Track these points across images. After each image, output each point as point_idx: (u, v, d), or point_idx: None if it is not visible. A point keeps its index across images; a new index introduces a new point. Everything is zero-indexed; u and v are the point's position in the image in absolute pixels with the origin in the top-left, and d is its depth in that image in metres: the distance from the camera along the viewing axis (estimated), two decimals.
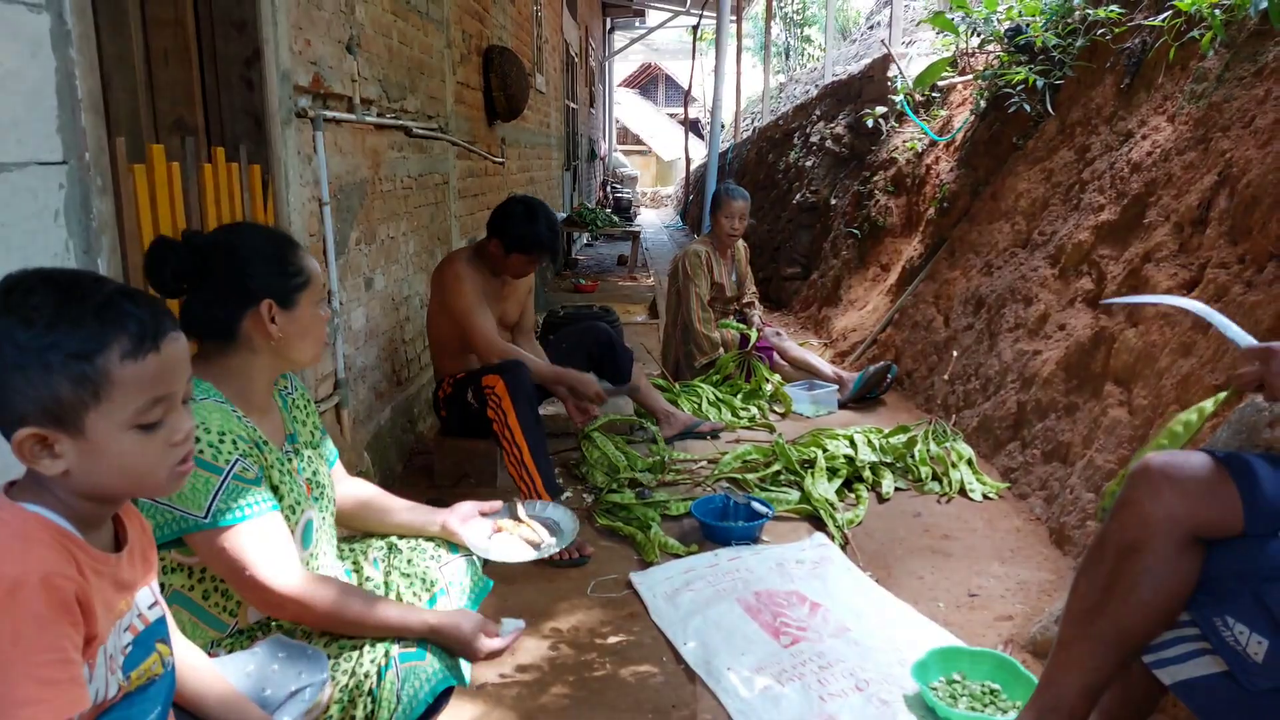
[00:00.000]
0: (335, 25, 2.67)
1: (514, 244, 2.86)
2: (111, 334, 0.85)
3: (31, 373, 0.83)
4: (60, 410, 0.84)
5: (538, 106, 7.36)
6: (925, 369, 4.12)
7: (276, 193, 2.22)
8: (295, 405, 1.51)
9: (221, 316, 1.32)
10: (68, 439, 0.85)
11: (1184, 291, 2.54)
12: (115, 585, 0.91)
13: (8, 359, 0.83)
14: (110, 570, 0.90)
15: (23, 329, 0.83)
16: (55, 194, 1.38)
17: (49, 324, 0.83)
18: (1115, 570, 1.36)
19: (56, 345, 0.83)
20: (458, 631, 1.36)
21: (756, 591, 2.29)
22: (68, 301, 0.85)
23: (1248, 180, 2.41)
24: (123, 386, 0.86)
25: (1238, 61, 2.73)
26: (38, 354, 0.83)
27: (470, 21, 4.69)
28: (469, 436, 2.99)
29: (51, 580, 0.80)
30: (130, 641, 0.92)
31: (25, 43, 1.32)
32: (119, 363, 0.85)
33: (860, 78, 6.71)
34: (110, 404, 0.85)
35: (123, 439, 0.87)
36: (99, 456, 0.86)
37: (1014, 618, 2.21)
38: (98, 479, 0.87)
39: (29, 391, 0.83)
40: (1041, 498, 2.82)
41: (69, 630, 0.80)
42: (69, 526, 0.86)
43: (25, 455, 0.84)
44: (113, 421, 0.86)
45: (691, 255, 4.26)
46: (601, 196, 14.71)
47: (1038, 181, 3.77)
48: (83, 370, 0.84)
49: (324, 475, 1.50)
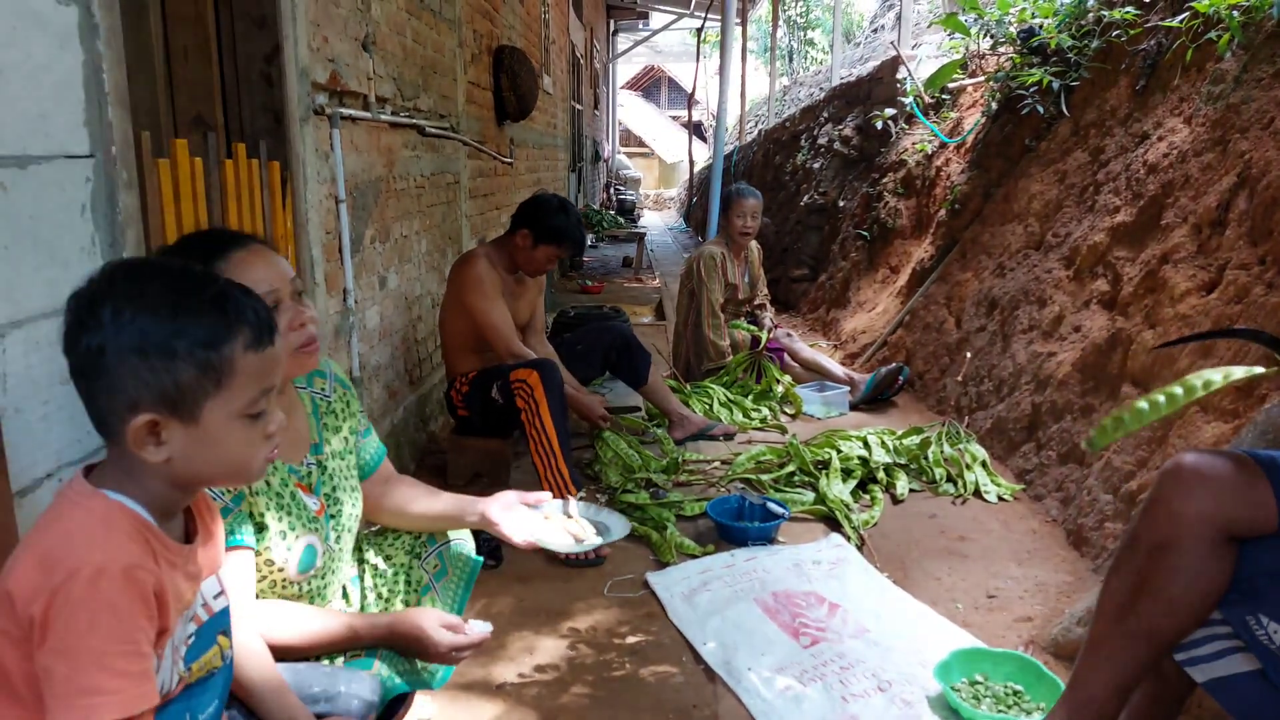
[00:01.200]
0: (352, 23, 2.67)
1: (545, 235, 2.87)
2: (236, 325, 0.87)
3: (154, 359, 0.83)
4: (180, 396, 0.85)
5: (545, 107, 7.36)
6: (937, 370, 4.11)
7: (295, 190, 2.21)
8: (330, 410, 1.47)
9: None
10: (179, 426, 0.86)
11: (1204, 294, 2.53)
12: (186, 576, 0.90)
13: (127, 344, 0.83)
14: (183, 561, 0.90)
15: (148, 316, 0.84)
16: (82, 187, 1.37)
17: (172, 312, 0.85)
18: (1146, 569, 1.36)
19: (183, 333, 0.84)
20: (415, 630, 1.32)
21: (774, 592, 2.28)
22: (184, 291, 0.86)
23: (1268, 181, 2.40)
24: (244, 375, 0.88)
25: (1255, 63, 2.72)
26: (164, 340, 0.84)
27: (481, 21, 4.69)
28: (488, 433, 2.98)
29: (133, 572, 0.80)
30: (194, 632, 0.92)
31: (54, 35, 1.31)
32: (243, 352, 0.87)
33: (869, 80, 6.71)
34: (230, 392, 0.87)
35: (232, 427, 0.88)
36: (207, 444, 0.87)
37: (1034, 619, 2.20)
38: (199, 466, 0.88)
39: (148, 377, 0.84)
40: (1058, 499, 2.80)
41: (145, 624, 0.80)
42: (149, 516, 0.86)
43: (137, 442, 0.85)
44: (228, 409, 0.87)
45: (706, 257, 4.21)
46: (605, 198, 14.71)
47: (1051, 183, 3.76)
48: (209, 358, 0.85)
49: (346, 488, 1.46)
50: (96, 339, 0.83)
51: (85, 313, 0.84)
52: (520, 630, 2.15)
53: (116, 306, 0.84)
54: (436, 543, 1.57)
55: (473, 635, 1.35)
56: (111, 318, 0.83)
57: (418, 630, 1.31)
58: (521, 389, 2.68)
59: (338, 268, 2.58)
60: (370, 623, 1.32)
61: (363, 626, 1.31)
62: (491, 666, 2.00)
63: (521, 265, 2.97)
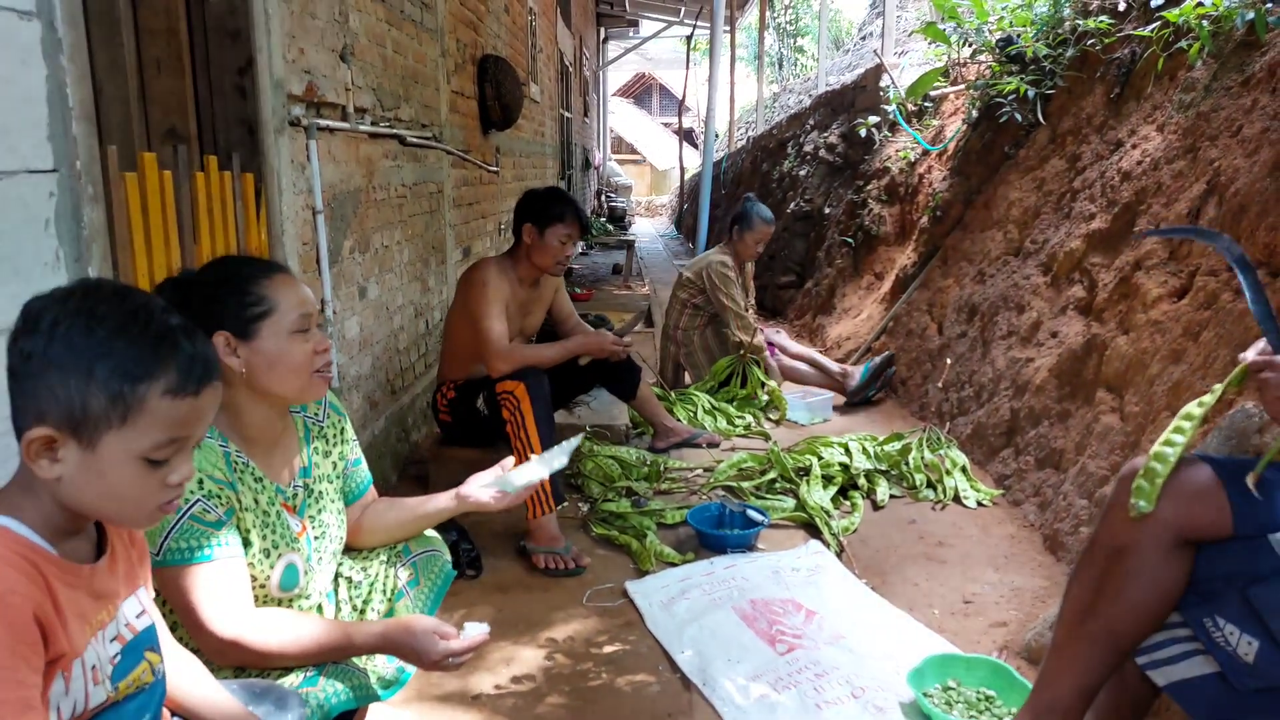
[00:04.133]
0: (329, 34, 2.67)
1: (548, 218, 2.86)
2: (161, 365, 0.86)
3: (71, 376, 0.83)
4: (83, 419, 0.84)
5: (532, 115, 7.38)
6: (919, 376, 4.13)
7: (269, 201, 2.22)
8: (321, 434, 1.51)
9: None
10: (76, 449, 0.85)
11: (1175, 299, 2.56)
12: (91, 595, 0.89)
13: (54, 357, 0.83)
14: (84, 581, 0.89)
15: (81, 333, 0.84)
16: (46, 202, 1.38)
17: (106, 335, 0.84)
18: (1105, 572, 1.38)
19: (107, 357, 0.84)
20: (408, 637, 1.32)
21: (752, 599, 2.28)
22: (132, 320, 0.86)
23: (1235, 189, 2.43)
24: (153, 418, 0.86)
25: (1225, 72, 2.75)
26: (86, 361, 0.83)
27: (465, 30, 4.70)
28: (470, 443, 2.97)
29: (5, 598, 0.79)
30: (119, 651, 0.91)
31: (16, 50, 1.32)
32: (159, 395, 0.86)
33: (853, 87, 6.75)
34: (133, 430, 0.86)
35: (126, 466, 0.87)
36: (96, 475, 0.86)
37: (1009, 624, 2.21)
38: (84, 496, 0.87)
39: (60, 392, 0.83)
40: (1035, 504, 2.82)
41: (24, 650, 0.79)
42: (38, 539, 0.86)
43: (30, 453, 0.85)
44: (127, 447, 0.86)
45: (718, 267, 4.14)
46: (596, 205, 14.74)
47: (1029, 190, 3.79)
48: (122, 390, 0.84)
49: (332, 510, 1.48)
50: (29, 344, 0.84)
51: (31, 317, 0.85)
52: (498, 640, 2.15)
53: (57, 318, 0.84)
54: (412, 553, 1.59)
55: (468, 639, 1.35)
56: (49, 327, 0.84)
57: (409, 639, 1.32)
58: (508, 400, 2.68)
59: (315, 279, 2.58)
60: (365, 630, 1.33)
61: (358, 634, 1.32)
62: (468, 677, 2.00)
63: (538, 263, 2.93)
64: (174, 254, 1.78)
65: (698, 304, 4.25)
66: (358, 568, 1.56)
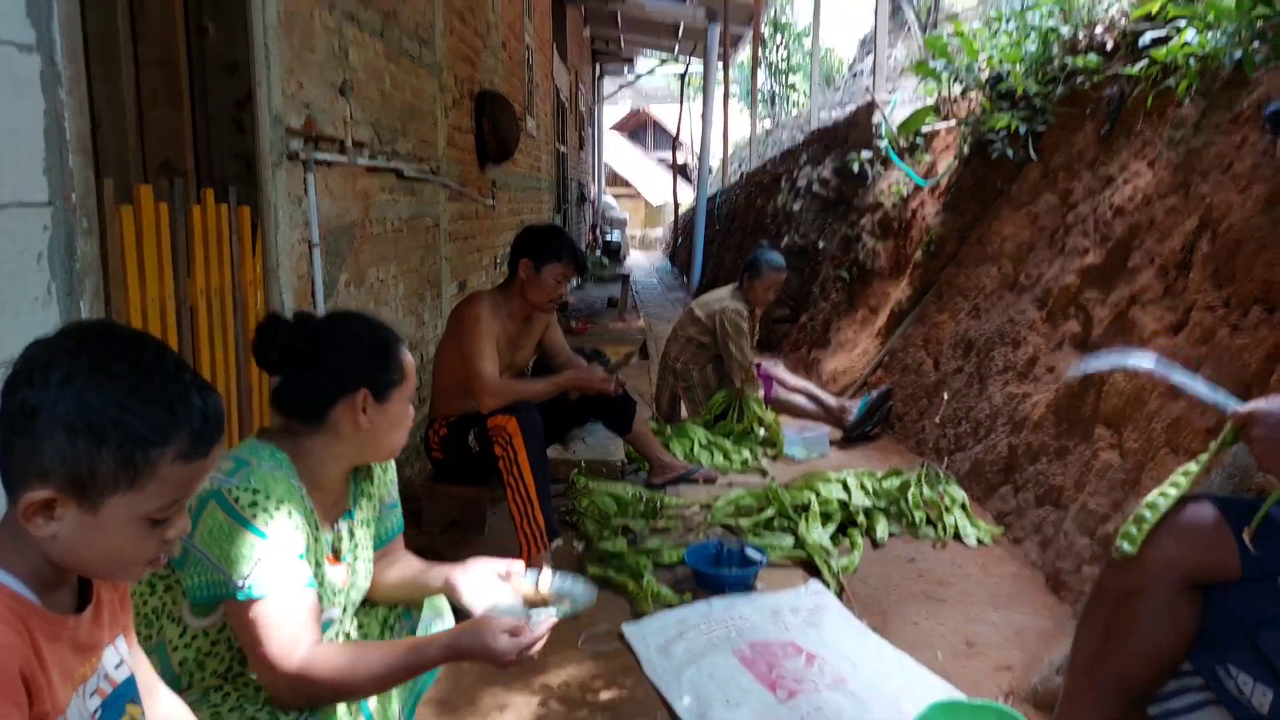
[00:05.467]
0: (328, 68, 2.69)
1: (546, 255, 2.86)
2: (176, 430, 0.83)
3: (82, 439, 0.79)
4: (89, 483, 0.80)
5: (528, 150, 7.43)
6: (916, 412, 4.12)
7: (265, 235, 2.21)
8: (368, 475, 1.50)
9: (315, 401, 1.34)
10: (76, 510, 0.81)
11: (1172, 335, 2.55)
12: (75, 648, 0.86)
13: (62, 415, 0.79)
14: (69, 633, 0.85)
15: (95, 392, 0.80)
16: (38, 236, 1.36)
17: (122, 397, 0.81)
18: (1114, 617, 1.35)
19: (121, 423, 0.80)
20: (478, 641, 1.30)
21: (751, 642, 2.24)
22: (148, 379, 0.83)
23: (1229, 224, 2.44)
24: (162, 482, 0.84)
25: (1214, 109, 2.78)
26: (99, 424, 0.80)
27: (462, 66, 4.74)
28: (463, 480, 2.93)
29: None
30: (99, 705, 0.88)
31: (13, 83, 1.31)
32: (171, 460, 0.83)
33: (845, 124, 6.82)
34: (140, 494, 0.83)
35: (130, 527, 0.84)
36: (96, 535, 0.82)
37: (1013, 667, 2.17)
38: (81, 554, 0.84)
39: (68, 454, 0.79)
40: (1036, 542, 2.79)
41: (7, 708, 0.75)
42: (24, 590, 0.82)
43: (27, 513, 0.81)
44: (131, 509, 0.83)
45: (733, 314, 4.13)
46: (591, 239, 14.80)
47: (1023, 225, 3.81)
48: (134, 455, 0.81)
49: (364, 558, 1.47)
50: (35, 398, 0.80)
51: (37, 368, 0.81)
52: (491, 686, 2.10)
53: (70, 373, 0.80)
54: (411, 618, 1.56)
55: (540, 630, 1.34)
56: (60, 383, 0.80)
57: (479, 642, 1.30)
58: (500, 436, 2.65)
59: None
60: (434, 642, 1.32)
61: (427, 648, 1.31)
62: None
63: (532, 299, 2.92)
64: (168, 288, 1.76)
65: (704, 342, 4.24)
66: (354, 624, 1.52)
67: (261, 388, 2.22)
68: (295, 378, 1.35)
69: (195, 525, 1.16)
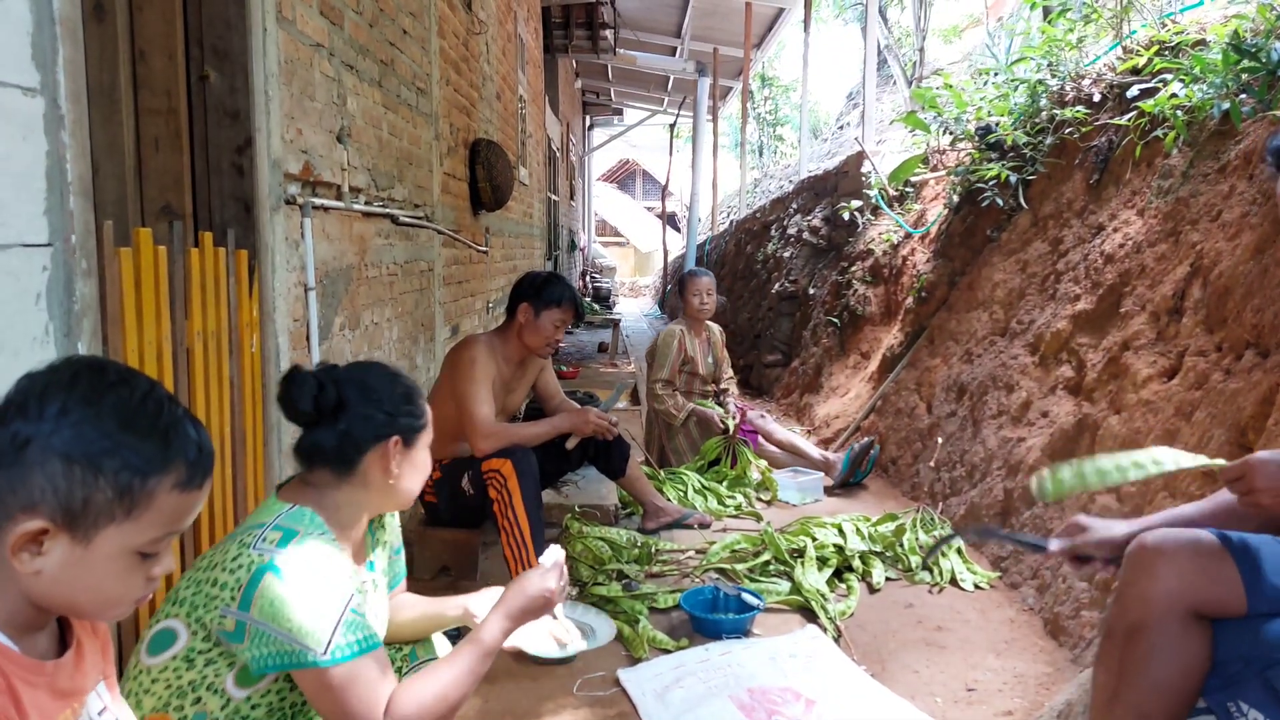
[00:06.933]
0: (327, 115, 2.72)
1: (545, 300, 2.87)
2: (173, 460, 0.83)
3: (78, 469, 0.79)
4: (83, 513, 0.80)
5: (521, 198, 7.51)
6: (910, 456, 4.11)
7: (263, 278, 2.21)
8: (382, 525, 1.51)
9: (348, 449, 1.34)
10: (66, 542, 0.80)
11: (1165, 380, 2.57)
12: (54, 694, 0.83)
13: (57, 445, 0.79)
14: (46, 679, 0.83)
15: (91, 424, 0.80)
16: (38, 276, 1.35)
17: (117, 427, 0.81)
18: (1125, 653, 1.34)
19: (117, 453, 0.80)
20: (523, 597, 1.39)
21: (750, 688, 2.19)
22: (142, 410, 0.83)
23: (1219, 271, 2.48)
24: (158, 513, 0.83)
25: (1201, 159, 2.84)
26: (96, 454, 0.79)
27: (458, 115, 4.81)
28: (456, 524, 2.90)
29: None
30: None
31: (18, 126, 1.32)
32: (168, 490, 0.83)
33: (835, 173, 6.94)
34: (135, 525, 0.82)
35: (120, 560, 0.83)
36: (85, 569, 0.81)
37: (1014, 713, 2.13)
38: (68, 590, 0.82)
39: (61, 484, 0.79)
40: (1034, 587, 2.76)
41: None
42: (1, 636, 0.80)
43: (15, 545, 0.79)
44: (124, 541, 0.82)
45: (665, 334, 4.34)
46: (581, 286, 14.90)
47: (1013, 272, 3.86)
48: (131, 484, 0.81)
49: (379, 610, 1.46)
50: (27, 429, 0.79)
51: (30, 400, 0.80)
52: None
53: (65, 405, 0.80)
54: (418, 658, 1.56)
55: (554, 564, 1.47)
56: (55, 414, 0.79)
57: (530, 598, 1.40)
58: (494, 478, 2.63)
59: (305, 355, 2.55)
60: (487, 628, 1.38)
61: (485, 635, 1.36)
62: None
63: (529, 342, 2.93)
64: (164, 329, 1.75)
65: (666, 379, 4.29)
66: None
67: (256, 431, 2.20)
68: (325, 428, 1.35)
69: (251, 599, 1.16)
